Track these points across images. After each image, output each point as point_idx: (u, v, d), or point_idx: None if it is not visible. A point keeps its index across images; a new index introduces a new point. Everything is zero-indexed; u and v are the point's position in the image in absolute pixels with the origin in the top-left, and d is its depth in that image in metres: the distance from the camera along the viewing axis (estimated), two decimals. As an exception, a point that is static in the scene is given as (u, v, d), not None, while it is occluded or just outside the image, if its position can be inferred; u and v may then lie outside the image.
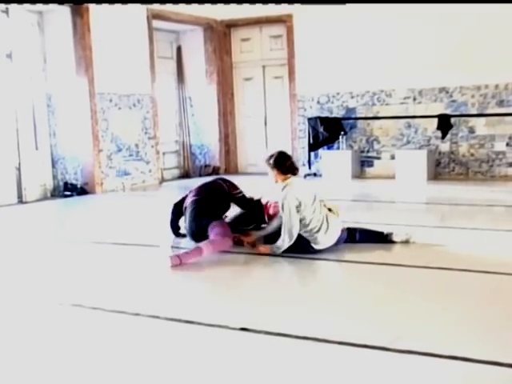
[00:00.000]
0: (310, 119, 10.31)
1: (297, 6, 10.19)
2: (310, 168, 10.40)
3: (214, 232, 4.79)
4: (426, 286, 3.95)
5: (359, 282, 4.13)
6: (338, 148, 10.27)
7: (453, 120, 9.41)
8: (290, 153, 5.00)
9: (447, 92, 9.58)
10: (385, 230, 5.07)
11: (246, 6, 10.19)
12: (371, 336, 3.02)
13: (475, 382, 2.57)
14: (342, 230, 4.79)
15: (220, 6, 10.33)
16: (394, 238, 4.97)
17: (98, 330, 3.32)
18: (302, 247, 4.61)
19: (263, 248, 4.77)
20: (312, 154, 10.47)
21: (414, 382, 2.57)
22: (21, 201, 8.66)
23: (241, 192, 5.40)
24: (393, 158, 9.92)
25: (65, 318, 3.56)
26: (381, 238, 4.99)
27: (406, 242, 4.97)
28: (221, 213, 5.17)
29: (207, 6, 10.23)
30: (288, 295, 3.90)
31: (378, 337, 3.01)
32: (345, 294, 3.89)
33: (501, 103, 9.26)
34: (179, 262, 4.48)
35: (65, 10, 8.86)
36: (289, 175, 4.72)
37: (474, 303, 3.55)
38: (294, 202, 4.55)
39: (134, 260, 4.86)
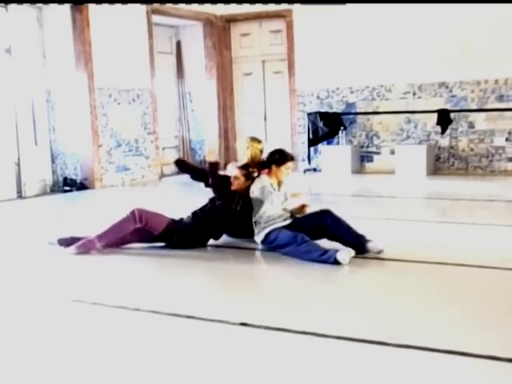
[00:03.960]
0: (309, 114, 10.31)
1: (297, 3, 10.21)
2: (309, 163, 10.40)
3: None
4: (424, 280, 3.96)
5: (357, 278, 4.13)
6: (338, 143, 10.27)
7: (452, 115, 9.41)
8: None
9: (447, 87, 9.57)
10: (366, 234, 4.55)
11: (245, 3, 10.19)
12: (369, 331, 3.03)
13: (473, 376, 2.58)
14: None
15: (220, 4, 10.35)
16: (370, 247, 4.46)
17: (99, 325, 3.33)
18: None
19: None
20: (312, 149, 10.47)
21: (412, 377, 2.58)
22: (20, 196, 8.67)
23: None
24: (392, 153, 9.92)
25: (65, 314, 3.56)
26: (355, 241, 4.50)
27: (379, 252, 4.47)
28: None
29: (207, 4, 10.25)
30: (287, 290, 3.91)
31: (376, 332, 3.01)
32: (343, 290, 3.90)
33: (500, 98, 9.26)
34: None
35: (64, 6, 8.84)
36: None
37: (472, 298, 3.56)
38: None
39: (133, 255, 4.87)
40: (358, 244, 4.47)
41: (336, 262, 4.26)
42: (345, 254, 4.28)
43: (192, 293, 3.91)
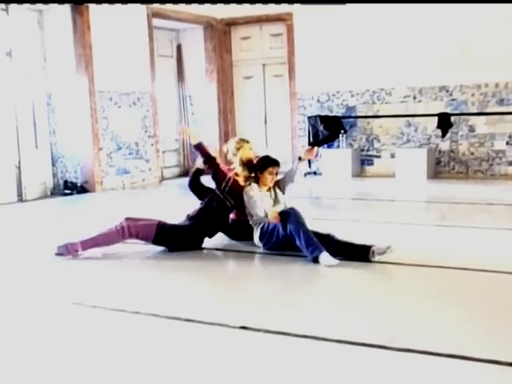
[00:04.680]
0: (309, 118, 10.31)
1: (297, 5, 10.21)
2: (310, 166, 10.39)
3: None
4: (424, 284, 3.96)
5: (357, 281, 4.13)
6: (338, 146, 10.27)
7: (453, 119, 9.41)
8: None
9: (447, 91, 9.58)
10: (367, 242, 4.51)
11: (246, 4, 10.20)
12: (370, 334, 3.03)
13: (474, 380, 2.57)
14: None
15: (220, 4, 10.35)
16: (376, 255, 4.40)
17: (98, 328, 3.33)
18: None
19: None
20: (312, 152, 10.46)
21: (412, 381, 2.57)
22: (21, 199, 8.66)
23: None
24: (393, 156, 9.92)
25: (65, 316, 3.56)
26: (362, 253, 4.45)
27: (384, 252, 4.40)
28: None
29: (207, 4, 10.25)
30: (287, 294, 3.90)
31: (376, 335, 3.01)
32: (343, 293, 3.89)
33: (501, 102, 9.26)
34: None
35: (65, 8, 8.86)
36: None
37: (472, 302, 3.55)
38: None
39: (133, 258, 4.87)
40: (363, 253, 4.44)
41: (315, 261, 4.35)
42: (328, 260, 4.34)
43: (191, 296, 3.90)
